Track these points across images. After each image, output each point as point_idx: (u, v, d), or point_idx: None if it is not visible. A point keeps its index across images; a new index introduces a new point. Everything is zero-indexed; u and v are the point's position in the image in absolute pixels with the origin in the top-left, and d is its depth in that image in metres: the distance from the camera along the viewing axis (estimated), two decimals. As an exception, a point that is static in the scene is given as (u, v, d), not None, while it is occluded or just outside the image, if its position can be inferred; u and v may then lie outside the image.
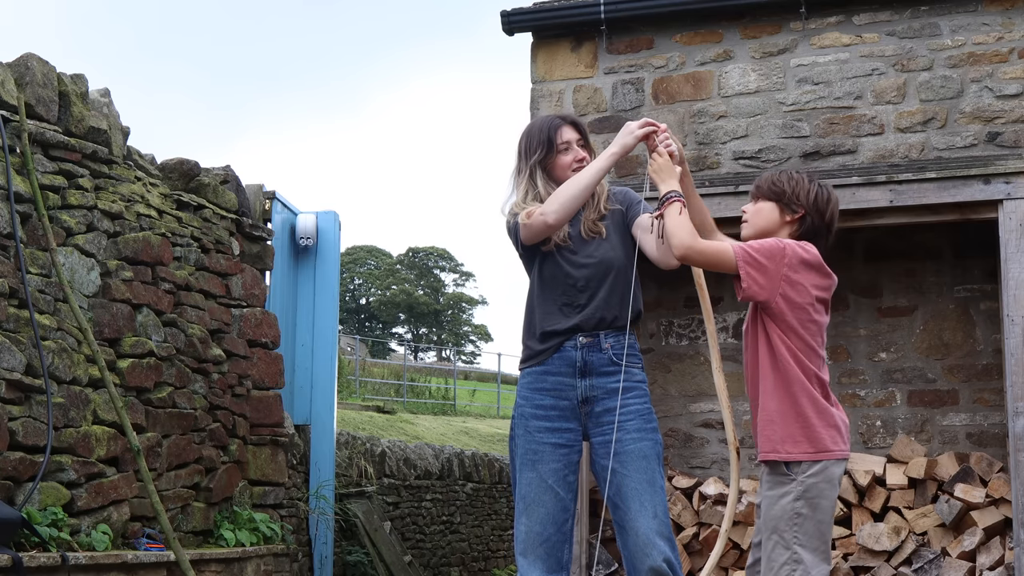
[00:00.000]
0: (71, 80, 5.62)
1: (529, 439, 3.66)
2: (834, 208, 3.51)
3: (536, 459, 3.64)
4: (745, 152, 7.18)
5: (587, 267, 3.67)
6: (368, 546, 8.61)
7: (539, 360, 3.69)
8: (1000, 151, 6.67)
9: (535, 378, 3.69)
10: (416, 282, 55.60)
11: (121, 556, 5.22)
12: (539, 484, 3.62)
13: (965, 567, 6.18)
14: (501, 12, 7.50)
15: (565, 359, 3.65)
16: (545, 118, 3.83)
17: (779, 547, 3.31)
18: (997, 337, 6.82)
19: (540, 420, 3.66)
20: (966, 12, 6.88)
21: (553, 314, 3.68)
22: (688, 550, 6.76)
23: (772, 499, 3.35)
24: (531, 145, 3.74)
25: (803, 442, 3.31)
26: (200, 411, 6.32)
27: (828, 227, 3.49)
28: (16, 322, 4.97)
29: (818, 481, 3.30)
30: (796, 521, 3.29)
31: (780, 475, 3.34)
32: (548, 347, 3.67)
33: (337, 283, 8.53)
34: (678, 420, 7.44)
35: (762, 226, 3.51)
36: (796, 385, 3.34)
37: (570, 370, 3.65)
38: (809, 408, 3.33)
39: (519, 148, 3.80)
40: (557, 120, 3.78)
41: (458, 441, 14.01)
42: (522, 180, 3.75)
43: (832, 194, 3.53)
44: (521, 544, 3.62)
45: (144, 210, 6.02)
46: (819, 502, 3.30)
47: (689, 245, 3.34)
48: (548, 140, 3.72)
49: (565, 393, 3.65)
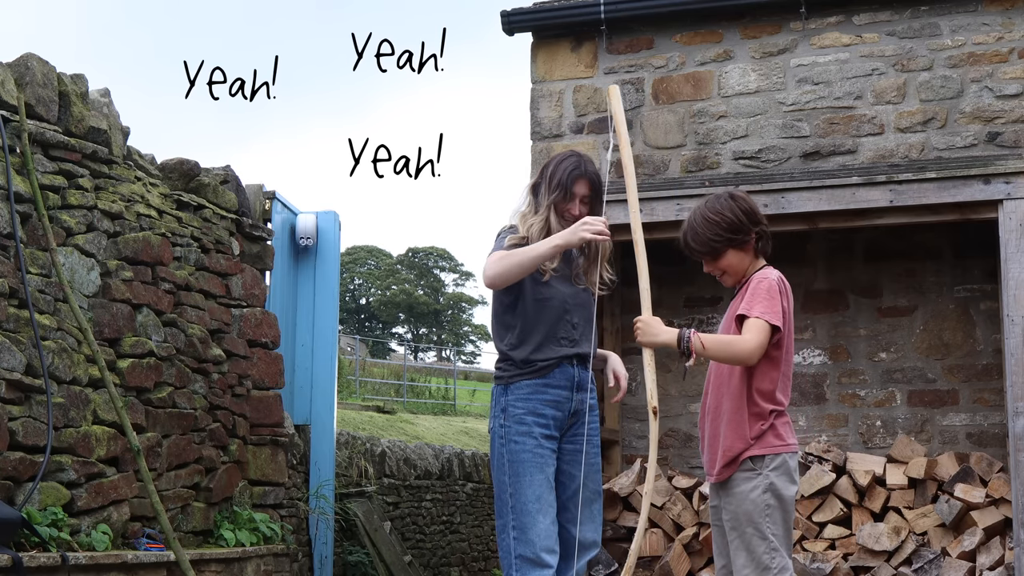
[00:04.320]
0: (71, 80, 5.62)
1: (535, 444, 3.94)
2: (755, 204, 3.72)
3: (543, 463, 3.95)
4: (745, 152, 7.18)
5: (581, 311, 4.06)
6: (368, 546, 8.60)
7: (541, 373, 3.99)
8: (1000, 151, 6.67)
9: (535, 389, 3.97)
10: (416, 282, 55.60)
11: (121, 556, 5.22)
12: (547, 485, 3.94)
13: (965, 567, 6.18)
14: (501, 12, 7.50)
15: (565, 375, 3.99)
16: (572, 161, 4.09)
17: (755, 538, 3.47)
18: (997, 337, 6.82)
19: (542, 428, 3.95)
20: (966, 12, 6.88)
21: (550, 345, 4.01)
22: (688, 550, 6.76)
23: None
24: (552, 182, 4.06)
25: None
26: (200, 411, 6.32)
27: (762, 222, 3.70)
28: (16, 322, 4.97)
29: None
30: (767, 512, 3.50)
31: None
32: (550, 363, 3.98)
33: (337, 283, 8.52)
34: (678, 420, 7.44)
35: (740, 271, 3.67)
36: None
37: (568, 384, 3.99)
38: None
39: (544, 174, 4.12)
40: (579, 171, 4.06)
41: (458, 441, 14.01)
42: (539, 207, 4.08)
43: (745, 197, 3.70)
44: (536, 543, 3.87)
45: (144, 210, 6.01)
46: None
47: (751, 351, 3.47)
48: (566, 188, 4.04)
49: (562, 405, 3.99)
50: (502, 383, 4.03)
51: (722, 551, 3.66)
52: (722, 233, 3.57)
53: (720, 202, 3.60)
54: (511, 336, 4.02)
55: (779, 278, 3.57)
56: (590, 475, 4.06)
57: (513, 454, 3.92)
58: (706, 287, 7.52)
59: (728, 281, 3.69)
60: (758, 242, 3.63)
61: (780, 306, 3.50)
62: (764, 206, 6.41)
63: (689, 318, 7.52)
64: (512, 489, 3.90)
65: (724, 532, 3.63)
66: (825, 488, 6.63)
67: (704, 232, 3.58)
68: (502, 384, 4.03)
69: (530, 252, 3.88)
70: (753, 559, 3.45)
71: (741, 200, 3.62)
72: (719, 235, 3.57)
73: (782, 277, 3.59)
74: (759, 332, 3.46)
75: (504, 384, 4.02)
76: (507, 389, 3.99)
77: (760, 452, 3.49)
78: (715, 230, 3.57)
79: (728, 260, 3.62)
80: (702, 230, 3.59)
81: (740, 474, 3.50)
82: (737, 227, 3.57)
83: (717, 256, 3.62)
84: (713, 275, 3.72)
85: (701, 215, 3.61)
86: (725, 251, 3.60)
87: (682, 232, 3.68)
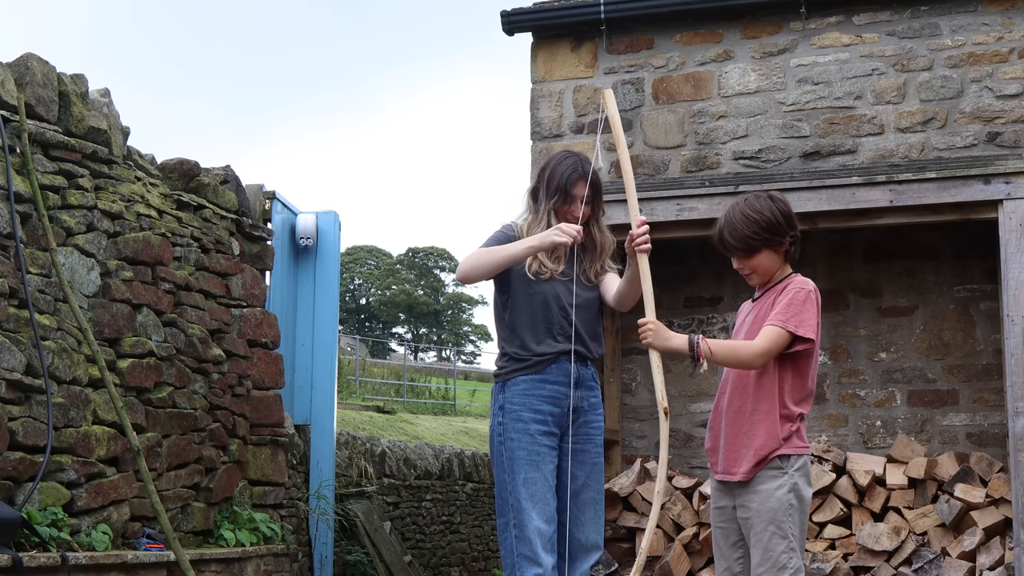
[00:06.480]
0: (71, 80, 5.62)
1: (531, 441, 3.92)
2: (791, 209, 3.70)
3: (539, 460, 3.92)
4: (745, 152, 7.18)
5: (580, 307, 4.03)
6: (368, 546, 8.60)
7: (538, 369, 3.98)
8: (1000, 151, 6.67)
9: (532, 385, 3.97)
10: (416, 282, 55.60)
11: (121, 556, 5.22)
12: (544, 484, 3.91)
13: (965, 567, 6.18)
14: (501, 12, 7.50)
15: (563, 370, 3.98)
16: (570, 163, 4.09)
17: (776, 536, 3.47)
18: (997, 337, 6.82)
19: (539, 424, 3.94)
20: (966, 12, 6.88)
21: (547, 340, 4.00)
22: (688, 550, 6.76)
23: None
24: (551, 185, 4.08)
25: None
26: (200, 411, 6.32)
27: (796, 227, 3.69)
28: (16, 322, 4.97)
29: None
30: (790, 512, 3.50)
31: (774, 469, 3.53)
32: (546, 358, 3.97)
33: (337, 283, 8.52)
34: (678, 420, 7.44)
35: (770, 272, 3.67)
36: None
37: (566, 380, 3.97)
38: None
39: (542, 178, 4.13)
40: (577, 173, 4.07)
41: (458, 441, 14.01)
42: (539, 212, 4.10)
43: (784, 200, 3.68)
44: (533, 541, 3.85)
45: (144, 210, 6.01)
46: None
47: (755, 356, 3.51)
48: (564, 190, 4.06)
49: (560, 402, 3.97)
50: (500, 380, 4.06)
51: (724, 553, 3.66)
52: (760, 232, 3.57)
53: (760, 201, 3.60)
54: (506, 331, 4.07)
55: (814, 289, 3.59)
56: (593, 476, 4.04)
57: (510, 452, 3.93)
58: (706, 287, 7.52)
59: (755, 280, 3.69)
60: (791, 246, 3.64)
61: (814, 318, 3.52)
62: (764, 206, 6.42)
63: (689, 318, 7.52)
64: (511, 487, 3.91)
65: (727, 534, 3.63)
66: (825, 488, 6.63)
67: (743, 228, 3.58)
68: (500, 381, 4.06)
69: (505, 251, 3.96)
70: (769, 558, 3.44)
71: (780, 202, 3.63)
72: (757, 233, 3.57)
73: (816, 288, 3.60)
74: (770, 339, 3.48)
75: (502, 381, 4.04)
76: (505, 386, 4.02)
77: (788, 452, 3.51)
78: (754, 228, 3.57)
79: (760, 259, 3.62)
80: (741, 227, 3.58)
81: (766, 472, 3.50)
82: (775, 228, 3.58)
83: (751, 254, 3.62)
84: (741, 272, 3.71)
85: (741, 212, 3.60)
86: (760, 250, 3.60)
87: (718, 227, 3.66)
